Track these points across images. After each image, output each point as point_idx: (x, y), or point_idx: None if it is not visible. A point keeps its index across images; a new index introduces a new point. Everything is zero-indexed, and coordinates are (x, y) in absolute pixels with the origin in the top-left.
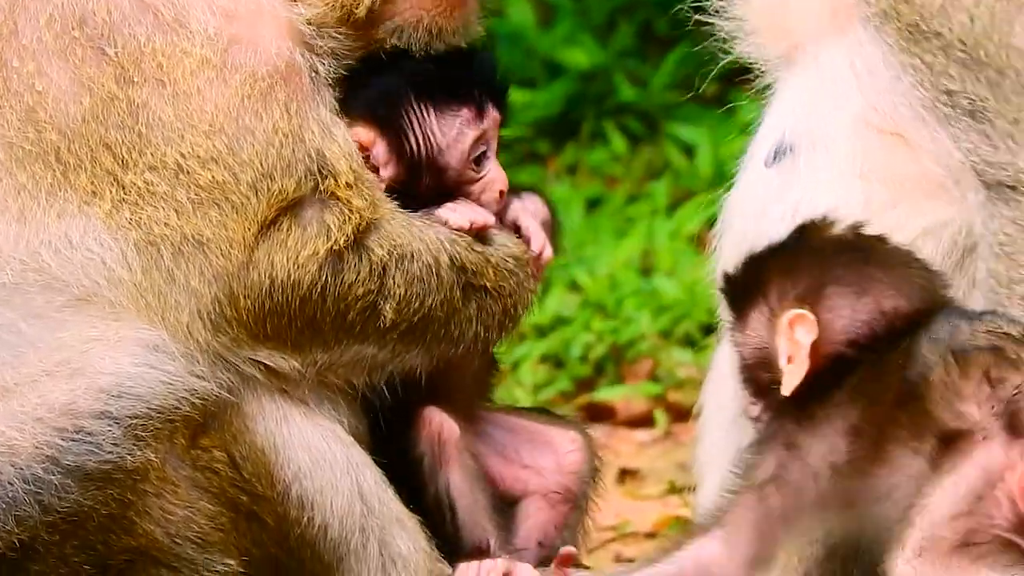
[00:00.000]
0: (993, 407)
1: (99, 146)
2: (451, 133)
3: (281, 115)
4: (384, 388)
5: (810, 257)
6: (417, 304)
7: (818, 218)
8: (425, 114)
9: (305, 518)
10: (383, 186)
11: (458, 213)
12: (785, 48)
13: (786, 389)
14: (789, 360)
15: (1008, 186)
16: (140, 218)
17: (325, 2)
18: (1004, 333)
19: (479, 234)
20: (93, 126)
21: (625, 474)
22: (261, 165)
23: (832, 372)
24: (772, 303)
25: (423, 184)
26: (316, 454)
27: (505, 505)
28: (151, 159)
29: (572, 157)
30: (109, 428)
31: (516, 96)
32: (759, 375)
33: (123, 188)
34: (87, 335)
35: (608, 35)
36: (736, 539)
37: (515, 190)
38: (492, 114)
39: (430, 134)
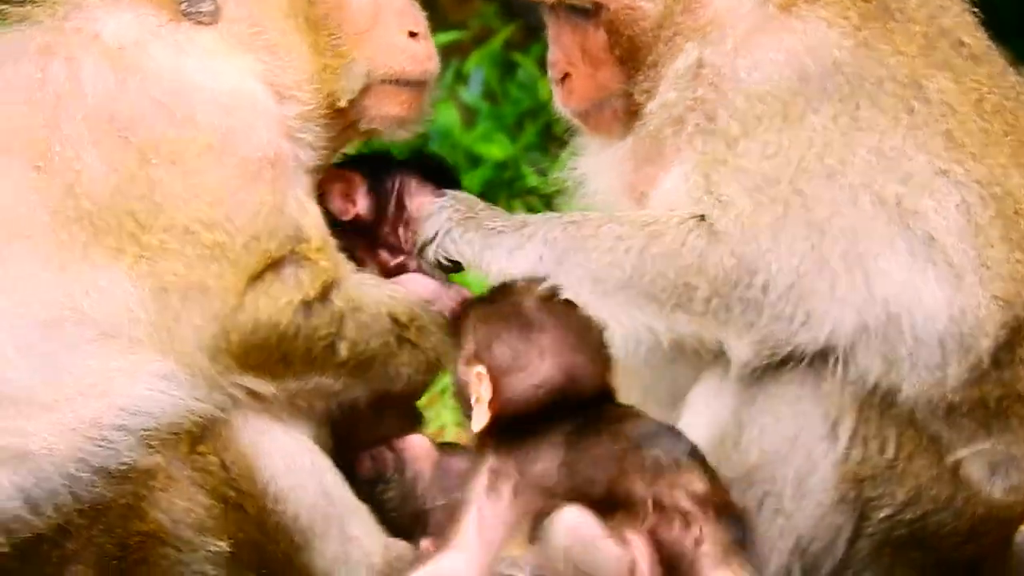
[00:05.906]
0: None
1: (123, 213)
2: (417, 200)
3: (267, 192)
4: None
5: (498, 321)
6: (363, 346)
7: (518, 281)
8: (406, 182)
9: (280, 509)
10: (350, 215)
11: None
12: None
13: (474, 426)
14: (477, 401)
15: None
16: (155, 270)
17: (313, 99)
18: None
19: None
20: (119, 198)
21: None
22: (251, 230)
23: (530, 417)
24: (467, 351)
25: (378, 228)
26: (289, 460)
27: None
28: (164, 223)
29: None
30: (126, 438)
31: None
32: (464, 398)
33: (142, 246)
34: (111, 365)
35: (517, 134)
36: (467, 547)
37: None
38: None
39: (403, 194)
